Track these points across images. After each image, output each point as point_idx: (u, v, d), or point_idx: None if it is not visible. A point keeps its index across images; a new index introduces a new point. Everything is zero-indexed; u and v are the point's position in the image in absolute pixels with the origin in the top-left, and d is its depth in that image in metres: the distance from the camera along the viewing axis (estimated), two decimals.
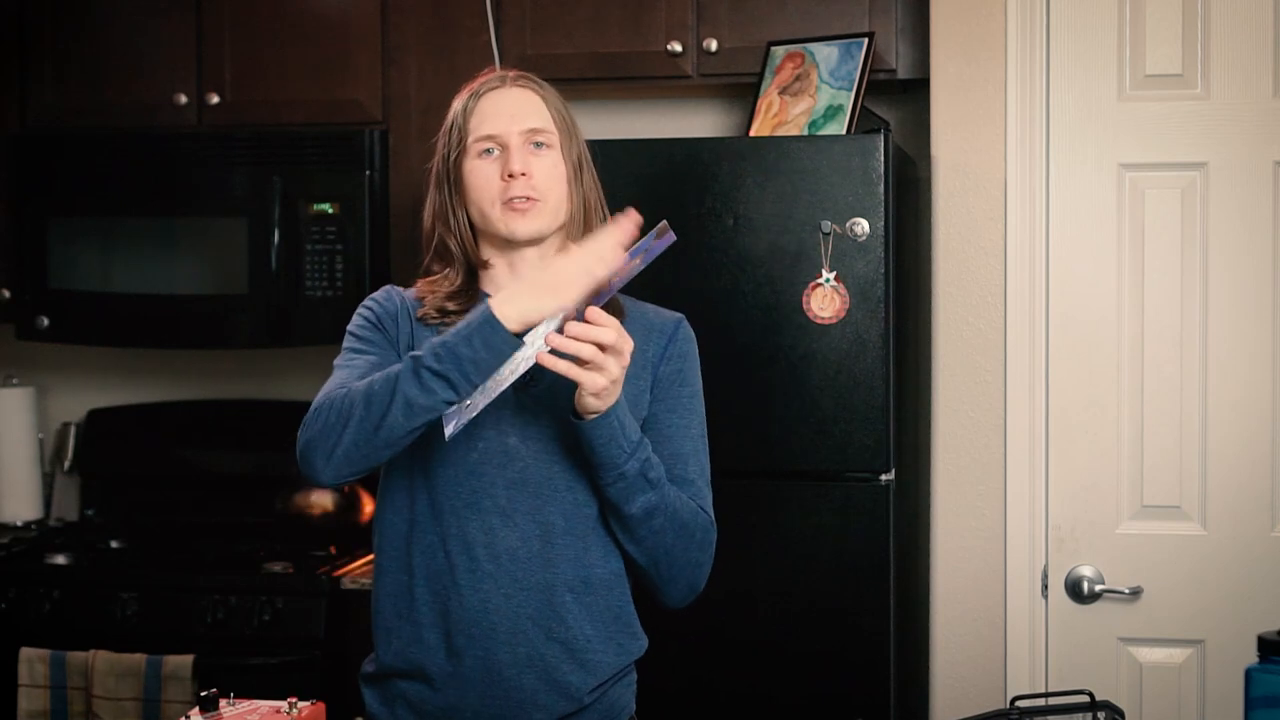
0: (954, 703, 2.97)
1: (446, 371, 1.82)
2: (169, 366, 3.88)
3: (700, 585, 2.08)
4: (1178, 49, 2.90)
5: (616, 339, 1.84)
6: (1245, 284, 2.88)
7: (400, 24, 3.40)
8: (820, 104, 3.08)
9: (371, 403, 1.85)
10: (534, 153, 2.03)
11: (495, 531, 1.98)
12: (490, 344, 1.83)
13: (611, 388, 1.86)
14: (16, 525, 3.78)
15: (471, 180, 2.04)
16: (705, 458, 2.11)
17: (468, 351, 1.82)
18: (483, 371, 1.83)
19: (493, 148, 2.03)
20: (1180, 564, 2.91)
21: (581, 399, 1.87)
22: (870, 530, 2.82)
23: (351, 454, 1.87)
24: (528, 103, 2.06)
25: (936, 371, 2.99)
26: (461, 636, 1.98)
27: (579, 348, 1.82)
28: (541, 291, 1.84)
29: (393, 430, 1.85)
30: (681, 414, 2.06)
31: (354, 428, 1.86)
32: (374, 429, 1.85)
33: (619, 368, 1.85)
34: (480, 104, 2.06)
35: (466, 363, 1.82)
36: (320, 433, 1.88)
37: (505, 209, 2.01)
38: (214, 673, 3.06)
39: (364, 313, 2.08)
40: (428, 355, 1.83)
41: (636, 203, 1.79)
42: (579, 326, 1.83)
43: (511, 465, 1.99)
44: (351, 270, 3.35)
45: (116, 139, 3.50)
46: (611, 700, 2.06)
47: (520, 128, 2.03)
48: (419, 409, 1.84)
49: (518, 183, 2.01)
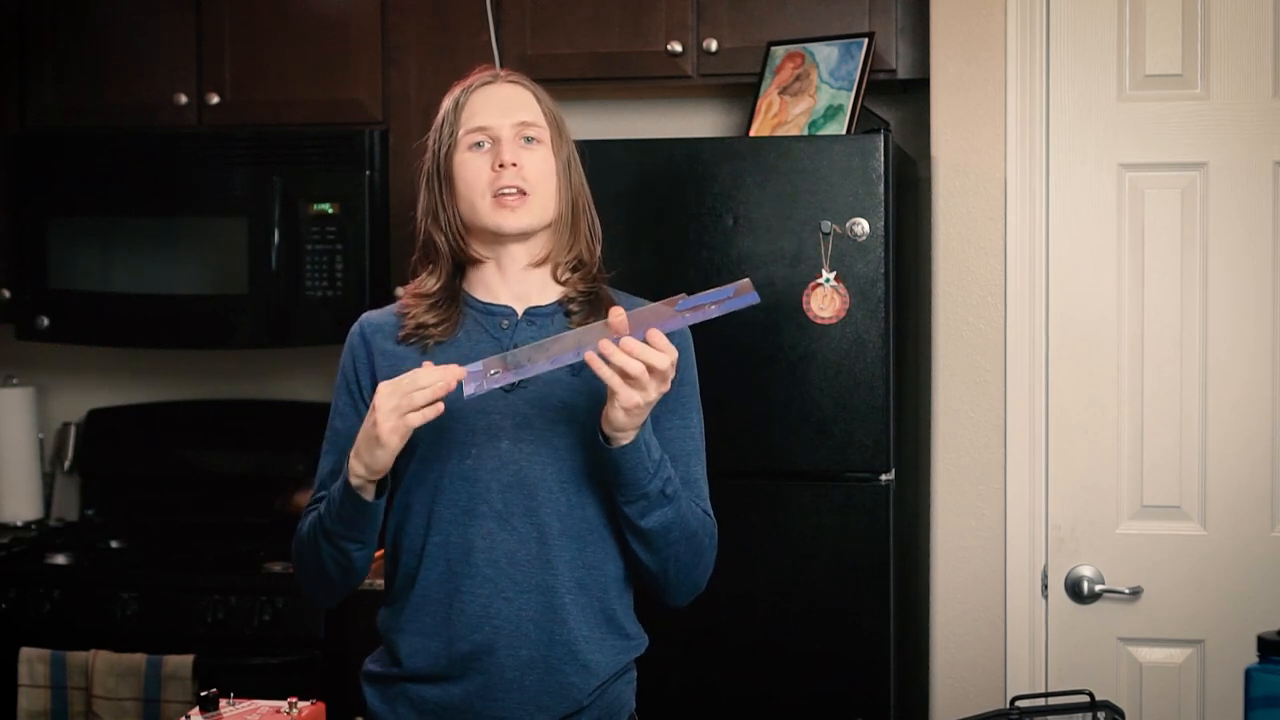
0: (954, 703, 2.97)
1: (337, 530, 1.97)
2: (169, 366, 3.88)
3: (704, 585, 2.09)
4: (1177, 49, 2.90)
5: (667, 368, 1.84)
6: (1245, 284, 2.88)
7: (400, 24, 3.40)
8: (820, 104, 3.08)
9: (312, 563, 2.04)
10: (524, 147, 2.03)
11: (493, 535, 1.98)
12: (353, 501, 1.94)
13: (644, 409, 1.86)
14: (16, 525, 3.78)
15: (461, 173, 2.03)
16: (703, 460, 2.11)
17: (346, 512, 1.96)
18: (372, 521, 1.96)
19: (483, 140, 2.03)
20: (1180, 564, 2.91)
21: (611, 413, 1.87)
22: (870, 530, 2.82)
23: (328, 594, 2.08)
24: (519, 97, 2.07)
25: (936, 371, 2.99)
26: (463, 641, 1.99)
27: (629, 363, 1.82)
28: (370, 443, 1.89)
29: (334, 575, 2.02)
30: (681, 414, 2.06)
31: (315, 581, 2.07)
32: (324, 580, 2.05)
33: (657, 393, 1.86)
34: (471, 99, 2.06)
35: (349, 523, 1.96)
36: (302, 581, 2.11)
37: (495, 203, 2.01)
38: (214, 673, 3.06)
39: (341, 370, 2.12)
40: (327, 517, 1.98)
41: (637, 203, 1.79)
42: (636, 344, 1.83)
43: (506, 469, 1.99)
44: (351, 270, 3.35)
45: (116, 139, 3.50)
46: (612, 698, 2.06)
47: (511, 120, 2.03)
48: (340, 560, 2.00)
49: (508, 172, 2.01)
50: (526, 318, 2.05)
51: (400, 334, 2.06)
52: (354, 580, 2.04)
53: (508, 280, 2.06)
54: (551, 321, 2.05)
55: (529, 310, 2.06)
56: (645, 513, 1.95)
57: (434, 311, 2.05)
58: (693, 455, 2.07)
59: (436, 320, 2.04)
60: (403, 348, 2.05)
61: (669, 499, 1.96)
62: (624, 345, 1.83)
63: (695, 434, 2.09)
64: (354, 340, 2.10)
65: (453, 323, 2.04)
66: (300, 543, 2.06)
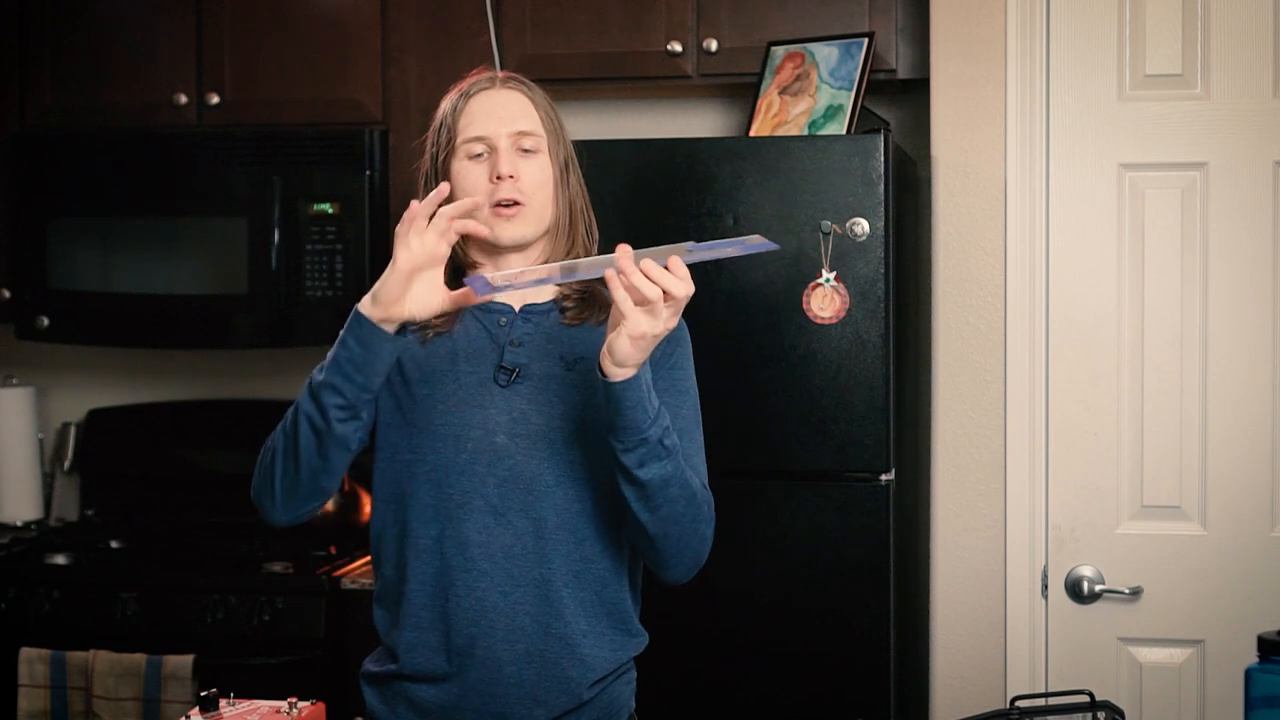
0: (954, 703, 2.97)
1: (329, 378, 1.91)
2: (169, 366, 3.88)
3: (703, 559, 2.05)
4: (1178, 49, 2.90)
5: (684, 295, 1.81)
6: (1245, 284, 2.88)
7: (400, 24, 3.41)
8: (820, 104, 3.08)
9: (285, 434, 1.96)
10: (522, 156, 2.04)
11: (490, 530, 1.99)
12: (361, 339, 1.90)
13: (651, 341, 1.82)
14: (16, 525, 3.78)
15: (459, 182, 2.04)
16: (700, 437, 2.08)
17: (344, 352, 1.91)
18: (361, 368, 1.89)
19: (481, 150, 2.04)
20: (1180, 564, 2.91)
21: (615, 342, 1.82)
22: (870, 530, 2.82)
23: (289, 490, 1.98)
24: (517, 104, 2.07)
25: (936, 371, 3.00)
26: (461, 636, 1.99)
27: (646, 286, 1.78)
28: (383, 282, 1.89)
29: (309, 455, 1.94)
30: (674, 395, 2.04)
31: (280, 463, 1.97)
32: (294, 460, 1.95)
33: (666, 326, 1.82)
34: (469, 105, 2.06)
35: (344, 363, 1.90)
36: (260, 478, 2.00)
37: (492, 213, 2.02)
38: (214, 673, 3.06)
39: None
40: (316, 371, 1.93)
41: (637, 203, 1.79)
42: (656, 268, 1.79)
43: (501, 463, 1.99)
44: (351, 270, 3.35)
45: (116, 139, 3.50)
46: (611, 697, 2.06)
47: (509, 130, 2.04)
48: (317, 424, 1.92)
49: (505, 185, 2.01)
50: (523, 314, 2.06)
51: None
52: (324, 479, 1.98)
53: None
54: (547, 318, 2.06)
55: (525, 308, 2.07)
56: (644, 461, 1.89)
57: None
58: (690, 431, 2.05)
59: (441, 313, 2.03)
60: (401, 338, 2.05)
61: (668, 451, 1.91)
62: (644, 267, 1.79)
63: (688, 415, 2.06)
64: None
65: (451, 318, 2.05)
66: (271, 438, 1.99)
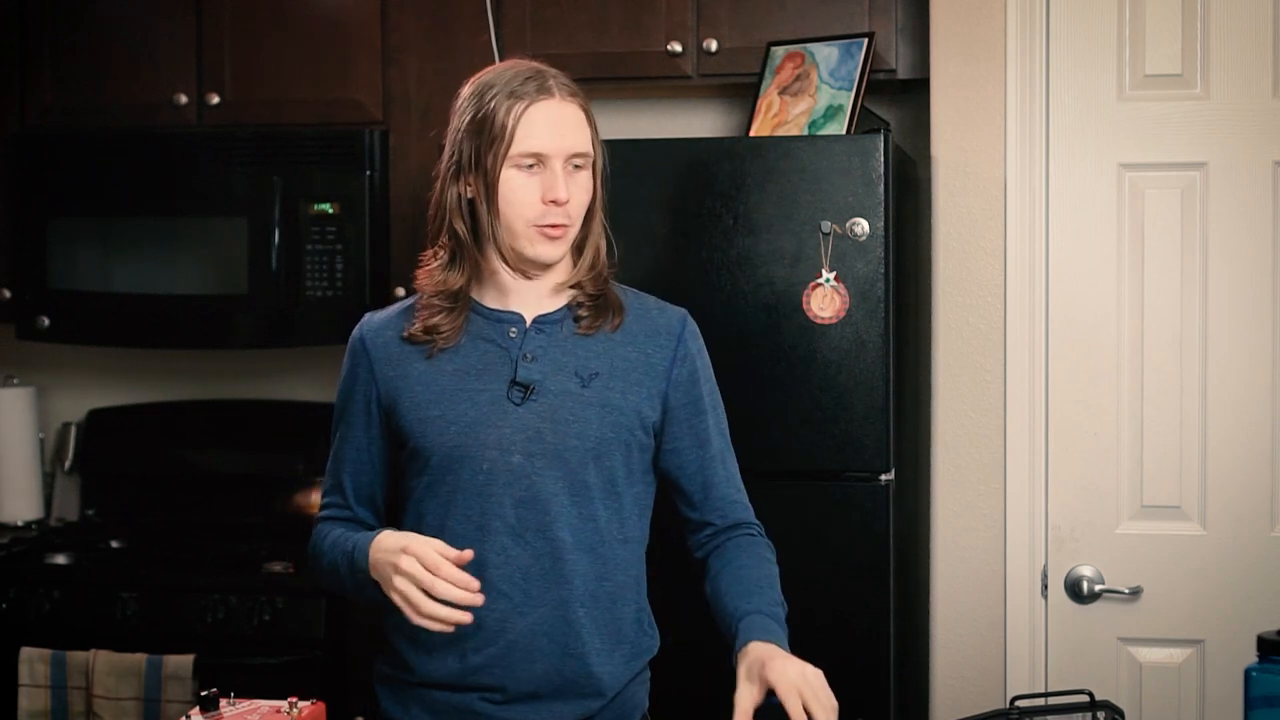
0: (954, 703, 2.97)
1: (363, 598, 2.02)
2: (169, 366, 3.88)
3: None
4: (1177, 49, 2.90)
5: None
6: (1245, 284, 2.88)
7: (400, 24, 3.40)
8: (820, 104, 3.08)
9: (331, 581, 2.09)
10: (571, 174, 1.99)
11: (508, 551, 1.98)
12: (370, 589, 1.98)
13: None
14: (16, 525, 3.78)
15: (508, 193, 1.97)
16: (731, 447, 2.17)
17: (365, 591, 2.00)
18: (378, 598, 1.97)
19: (533, 163, 1.97)
20: (1180, 564, 2.91)
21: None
22: (870, 530, 2.82)
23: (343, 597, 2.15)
24: (576, 121, 2.00)
25: (936, 371, 3.00)
26: (477, 655, 1.99)
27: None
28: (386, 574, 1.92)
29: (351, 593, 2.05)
30: (709, 413, 2.10)
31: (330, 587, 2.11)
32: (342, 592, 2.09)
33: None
34: (531, 113, 1.96)
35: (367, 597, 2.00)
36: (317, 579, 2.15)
37: (538, 233, 1.98)
38: (214, 673, 3.06)
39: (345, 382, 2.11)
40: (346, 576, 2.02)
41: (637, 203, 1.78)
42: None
43: (518, 484, 1.98)
44: (351, 270, 3.35)
45: (116, 139, 3.50)
46: (625, 698, 2.07)
47: (566, 150, 1.97)
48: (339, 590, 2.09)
49: (557, 210, 1.97)
50: (535, 325, 2.03)
51: (407, 332, 2.04)
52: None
53: (519, 287, 2.04)
54: (560, 328, 2.03)
55: (538, 318, 2.03)
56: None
57: (448, 316, 2.02)
58: (726, 451, 2.14)
59: (448, 324, 2.02)
60: (407, 347, 2.04)
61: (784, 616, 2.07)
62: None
63: (724, 430, 2.14)
64: (355, 347, 2.09)
65: (458, 328, 2.03)
66: (316, 558, 2.11)
